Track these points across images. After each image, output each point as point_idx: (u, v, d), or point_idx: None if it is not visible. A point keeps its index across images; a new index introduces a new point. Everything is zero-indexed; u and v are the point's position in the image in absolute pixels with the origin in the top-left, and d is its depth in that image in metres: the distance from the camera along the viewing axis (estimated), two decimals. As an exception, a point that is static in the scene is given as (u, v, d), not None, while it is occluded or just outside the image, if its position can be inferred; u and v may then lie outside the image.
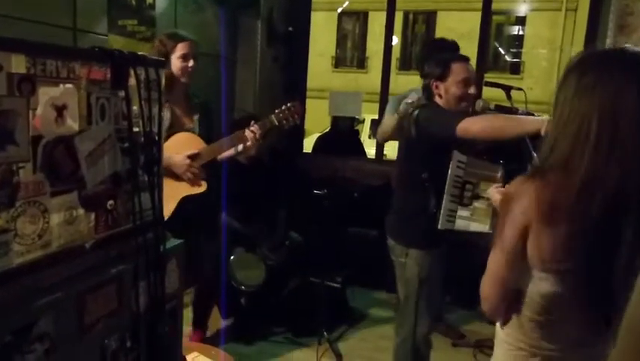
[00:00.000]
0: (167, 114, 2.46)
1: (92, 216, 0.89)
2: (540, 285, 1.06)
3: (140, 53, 0.96)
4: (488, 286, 1.14)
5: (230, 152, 2.51)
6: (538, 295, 1.07)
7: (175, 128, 2.48)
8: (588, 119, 0.99)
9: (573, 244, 1.00)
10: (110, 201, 0.93)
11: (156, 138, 1.01)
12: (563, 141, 1.02)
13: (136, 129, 0.97)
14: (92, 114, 0.87)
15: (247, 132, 2.44)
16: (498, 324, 1.22)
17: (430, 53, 2.84)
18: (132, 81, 0.94)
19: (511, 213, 1.05)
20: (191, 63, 2.45)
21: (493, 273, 1.12)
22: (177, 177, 2.43)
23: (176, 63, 2.44)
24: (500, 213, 1.10)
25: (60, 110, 0.81)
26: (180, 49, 2.43)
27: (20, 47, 0.74)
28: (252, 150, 2.61)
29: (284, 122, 2.51)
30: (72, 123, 0.83)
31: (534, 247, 1.03)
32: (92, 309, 0.86)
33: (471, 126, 1.87)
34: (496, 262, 1.11)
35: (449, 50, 2.82)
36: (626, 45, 1.07)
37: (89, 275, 0.87)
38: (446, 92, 2.11)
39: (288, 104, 2.56)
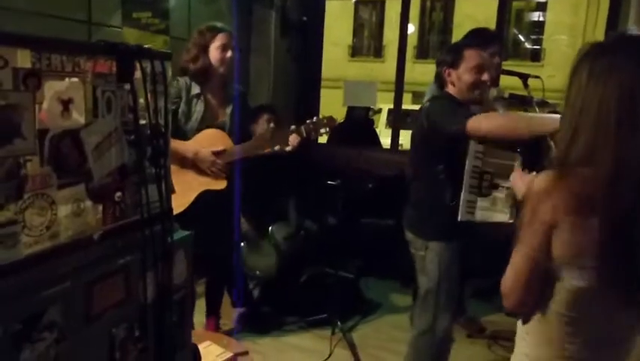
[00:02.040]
0: (200, 106, 2.48)
1: (100, 208, 0.91)
2: (569, 282, 1.04)
3: (145, 46, 0.97)
4: (511, 282, 1.11)
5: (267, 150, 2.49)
6: (567, 292, 1.05)
7: (208, 119, 2.51)
8: (607, 104, 0.97)
9: (604, 237, 0.97)
10: (118, 193, 0.94)
11: (163, 130, 1.02)
12: (584, 131, 0.99)
13: (143, 122, 0.98)
14: (98, 107, 0.88)
15: (291, 139, 2.42)
16: (519, 321, 1.19)
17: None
18: (138, 74, 0.95)
19: (539, 211, 1.02)
20: (229, 54, 2.49)
21: (518, 270, 1.09)
22: (200, 171, 2.46)
23: (215, 54, 2.48)
24: (526, 211, 1.06)
25: (66, 103, 0.82)
26: (219, 39, 2.47)
27: (25, 42, 0.75)
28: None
29: (312, 133, 2.48)
30: (78, 117, 0.85)
31: (563, 243, 1.01)
32: (99, 299, 0.88)
33: (481, 125, 1.84)
34: (521, 259, 1.08)
35: (481, 38, 2.72)
36: (635, 29, 1.04)
37: (97, 266, 0.89)
38: (458, 79, 2.08)
39: (321, 117, 2.52)
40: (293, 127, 2.45)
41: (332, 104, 5.16)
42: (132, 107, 0.94)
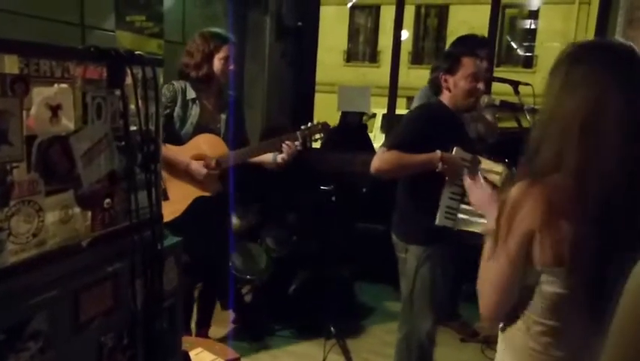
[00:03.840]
0: (196, 110, 2.47)
1: (89, 214, 0.90)
2: (546, 289, 1.04)
3: (136, 52, 0.96)
4: (489, 292, 1.11)
5: (268, 158, 2.47)
6: (544, 299, 1.05)
7: (203, 124, 2.49)
8: (573, 112, 0.99)
9: (575, 245, 0.98)
10: (107, 200, 0.93)
11: (153, 136, 1.01)
12: (551, 136, 1.02)
13: (133, 128, 0.97)
14: (88, 113, 0.88)
15: (286, 144, 2.40)
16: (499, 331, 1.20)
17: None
18: (129, 80, 0.94)
19: (516, 220, 1.03)
20: (231, 66, 2.49)
21: (495, 280, 1.09)
22: (192, 179, 2.44)
23: (218, 65, 2.46)
24: (502, 220, 1.06)
25: (55, 109, 0.81)
26: (224, 51, 2.46)
27: (13, 47, 0.74)
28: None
29: (307, 139, 2.47)
30: (67, 123, 0.84)
31: (541, 251, 1.01)
32: (87, 307, 0.87)
33: (374, 161, 2.03)
34: (498, 269, 1.08)
35: (473, 45, 2.75)
36: (615, 38, 1.06)
37: (85, 273, 0.88)
38: (455, 86, 2.10)
39: (315, 122, 2.50)
40: (286, 135, 2.43)
41: (326, 109, 5.16)
42: (123, 113, 0.94)
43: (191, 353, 1.72)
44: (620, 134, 0.96)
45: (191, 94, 2.47)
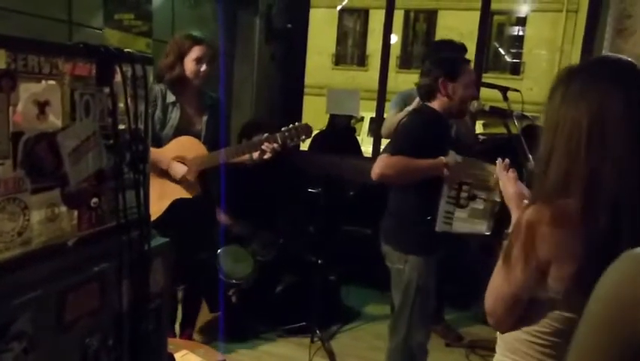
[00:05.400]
0: (176, 113, 2.45)
1: (75, 213, 0.88)
2: (560, 313, 1.04)
3: (126, 49, 0.95)
4: (495, 303, 1.11)
5: (244, 158, 2.46)
6: (553, 321, 1.05)
7: (183, 127, 2.47)
8: (578, 127, 0.99)
9: (587, 266, 0.97)
10: (94, 199, 0.92)
11: (142, 135, 1.00)
12: (556, 155, 1.02)
13: (122, 126, 0.96)
14: (76, 111, 0.86)
15: (265, 146, 2.38)
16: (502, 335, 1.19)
17: (436, 53, 2.81)
18: (118, 77, 0.93)
19: (534, 246, 1.02)
20: (204, 67, 2.43)
21: (504, 293, 1.09)
22: (172, 179, 2.43)
23: (189, 66, 2.43)
24: (516, 243, 1.05)
25: (42, 106, 0.79)
26: (196, 51, 2.42)
27: (1, 42, 0.73)
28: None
29: (287, 141, 2.43)
30: (55, 120, 0.82)
31: (554, 278, 1.01)
32: (72, 307, 0.85)
33: (376, 166, 2.03)
34: (508, 284, 1.07)
35: (457, 51, 2.79)
36: (608, 54, 1.08)
37: (71, 273, 0.86)
38: (454, 92, 2.09)
39: (296, 124, 2.47)
40: (265, 135, 2.41)
41: (315, 112, 5.17)
42: (111, 111, 0.92)
43: (177, 356, 1.70)
44: (626, 145, 0.96)
45: (170, 97, 2.45)
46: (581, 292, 0.99)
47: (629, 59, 1.04)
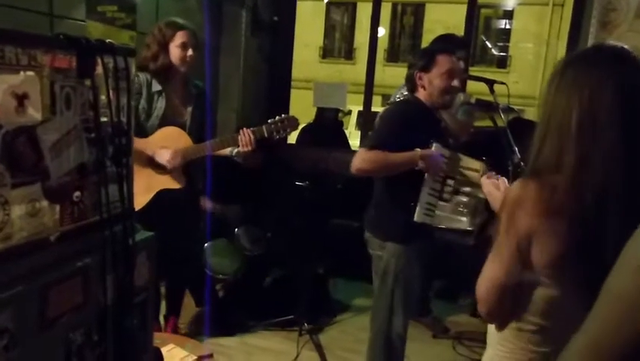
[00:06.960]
0: (162, 103, 2.43)
1: (57, 208, 0.87)
2: (544, 291, 1.05)
3: (107, 41, 0.93)
4: (487, 290, 1.11)
5: (226, 152, 2.47)
6: (540, 301, 1.06)
7: (169, 117, 2.45)
8: (569, 112, 1.01)
9: (573, 241, 0.99)
10: (77, 193, 0.91)
11: (125, 128, 0.99)
12: (550, 137, 1.04)
13: (104, 119, 0.95)
14: (57, 104, 0.85)
15: (240, 137, 2.39)
16: (492, 326, 1.20)
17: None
18: (100, 70, 0.92)
19: (514, 221, 1.04)
20: (190, 52, 2.43)
21: (493, 278, 1.10)
22: (158, 169, 2.41)
23: (175, 52, 2.41)
24: (501, 220, 1.07)
25: (21, 98, 0.78)
26: (179, 37, 2.40)
27: (-23, 33, 0.71)
28: (250, 161, 2.55)
29: (274, 134, 2.44)
30: (34, 113, 0.81)
31: (540, 251, 1.02)
32: (55, 303, 0.84)
33: (355, 160, 2.03)
34: (496, 267, 1.09)
35: (454, 45, 2.77)
36: (603, 42, 1.09)
37: (53, 268, 0.85)
38: (430, 83, 2.11)
39: (283, 116, 2.48)
40: (251, 129, 2.43)
41: (302, 105, 5.15)
42: (93, 104, 0.91)
43: (163, 350, 1.69)
44: (616, 132, 0.98)
45: (156, 87, 2.43)
46: (565, 269, 1.01)
47: (626, 46, 1.06)
